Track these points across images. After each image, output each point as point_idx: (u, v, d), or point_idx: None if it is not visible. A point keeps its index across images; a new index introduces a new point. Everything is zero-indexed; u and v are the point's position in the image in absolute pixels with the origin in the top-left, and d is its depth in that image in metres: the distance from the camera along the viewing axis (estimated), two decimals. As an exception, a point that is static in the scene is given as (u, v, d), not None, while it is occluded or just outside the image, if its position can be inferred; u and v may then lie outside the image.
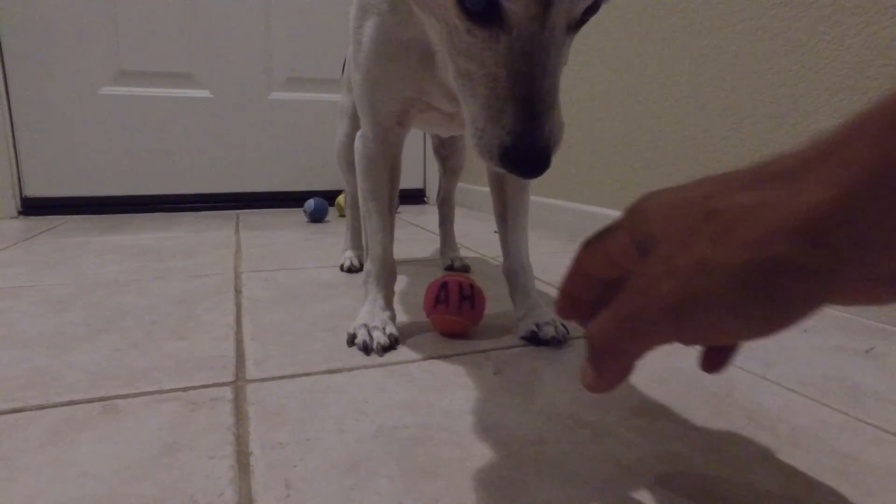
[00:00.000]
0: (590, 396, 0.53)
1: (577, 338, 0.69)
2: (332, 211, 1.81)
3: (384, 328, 0.66)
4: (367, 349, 0.64)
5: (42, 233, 1.47)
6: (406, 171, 1.95)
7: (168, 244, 1.31)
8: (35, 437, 0.46)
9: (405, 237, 1.41)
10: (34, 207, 1.77)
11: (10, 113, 1.70)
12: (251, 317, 0.77)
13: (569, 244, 1.30)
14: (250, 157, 1.95)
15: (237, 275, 1.01)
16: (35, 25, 1.69)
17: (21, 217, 1.75)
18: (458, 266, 1.05)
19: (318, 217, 1.64)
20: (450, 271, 1.04)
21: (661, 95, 1.11)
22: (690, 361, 0.59)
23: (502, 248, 0.75)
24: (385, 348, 0.64)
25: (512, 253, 0.73)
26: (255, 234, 1.46)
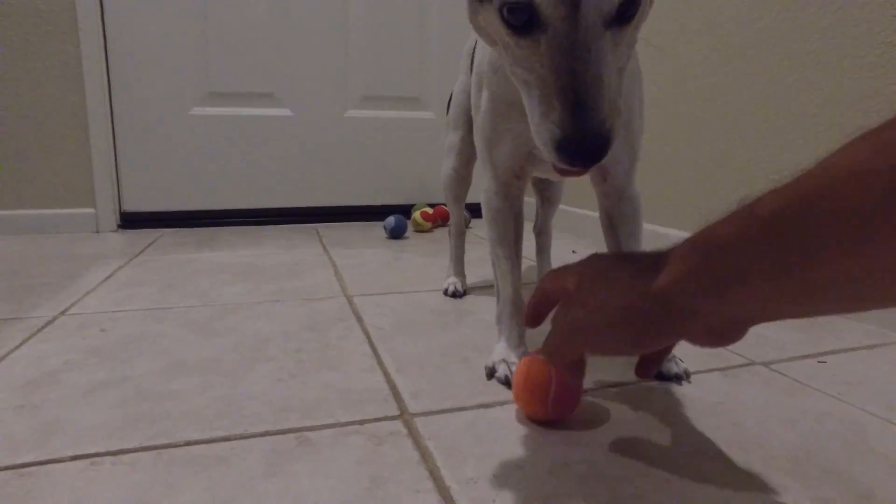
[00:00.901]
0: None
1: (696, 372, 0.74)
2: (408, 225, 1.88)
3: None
4: (508, 383, 0.69)
5: (146, 248, 1.57)
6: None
7: (267, 262, 1.39)
8: (255, 466, 0.53)
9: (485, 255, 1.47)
10: (130, 221, 1.89)
11: (113, 135, 1.82)
12: (384, 346, 0.84)
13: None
14: (327, 172, 2.03)
15: (349, 299, 1.08)
16: (135, 54, 1.80)
17: (119, 231, 1.87)
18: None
19: (397, 234, 1.71)
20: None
21: (727, 121, 1.14)
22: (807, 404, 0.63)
23: None
24: (524, 383, 0.70)
25: None
26: (343, 251, 1.54)
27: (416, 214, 1.81)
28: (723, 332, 0.41)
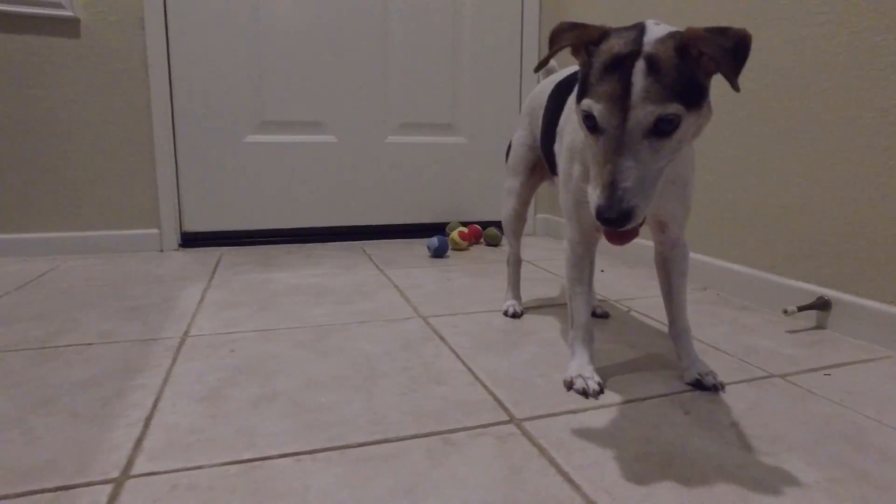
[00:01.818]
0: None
1: (732, 383, 0.94)
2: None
3: (593, 378, 0.91)
4: (585, 394, 0.89)
5: (216, 269, 1.75)
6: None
7: (334, 283, 1.58)
8: (419, 461, 0.72)
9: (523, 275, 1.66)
10: (190, 240, 2.07)
11: (175, 161, 2.00)
12: (473, 363, 1.03)
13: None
14: (369, 193, 2.22)
15: (425, 320, 1.27)
16: (196, 88, 1.98)
17: (181, 249, 2.05)
18: (599, 313, 1.29)
19: (439, 253, 1.91)
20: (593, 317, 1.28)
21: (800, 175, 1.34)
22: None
23: (668, 314, 0.99)
24: (598, 393, 0.89)
25: (677, 321, 0.97)
26: (397, 271, 1.73)
27: (454, 234, 2.01)
28: None
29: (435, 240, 1.91)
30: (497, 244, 2.15)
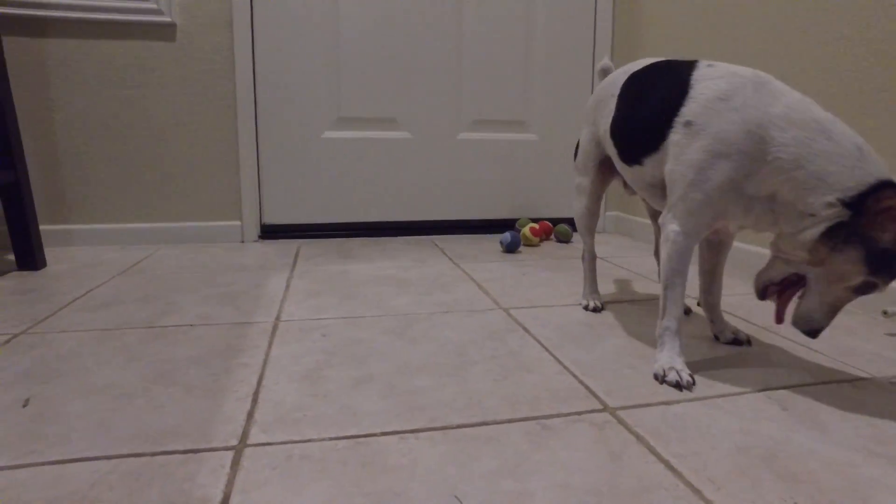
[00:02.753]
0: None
1: (815, 384, 0.91)
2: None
3: (685, 370, 0.91)
4: (679, 386, 0.89)
5: (297, 260, 1.82)
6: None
7: (411, 275, 1.62)
8: (520, 443, 0.74)
9: (603, 271, 1.65)
10: (269, 232, 2.16)
11: (257, 156, 2.09)
12: (560, 353, 1.04)
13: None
14: (441, 189, 2.25)
15: (507, 311, 1.29)
16: (278, 87, 2.07)
17: (260, 241, 2.14)
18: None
19: (512, 248, 1.92)
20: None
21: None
22: (942, 410, 0.80)
23: (704, 286, 1.11)
24: (692, 385, 0.89)
25: (714, 295, 1.11)
26: (471, 265, 1.75)
27: (526, 230, 2.02)
28: None
29: (507, 235, 1.92)
30: (568, 241, 2.15)
